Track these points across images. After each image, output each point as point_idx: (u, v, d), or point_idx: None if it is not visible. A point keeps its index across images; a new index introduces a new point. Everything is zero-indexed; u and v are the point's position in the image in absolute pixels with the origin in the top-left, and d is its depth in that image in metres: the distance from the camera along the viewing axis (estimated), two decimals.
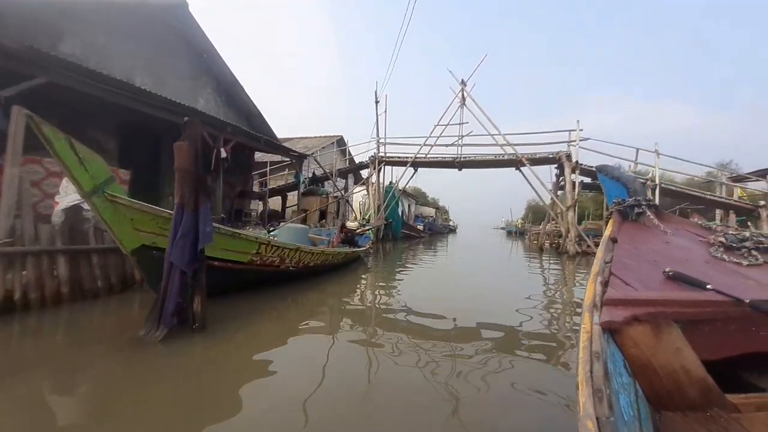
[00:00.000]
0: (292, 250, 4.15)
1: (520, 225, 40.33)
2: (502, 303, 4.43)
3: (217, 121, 7.74)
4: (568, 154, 11.14)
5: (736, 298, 1.08)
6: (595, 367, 0.83)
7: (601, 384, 0.79)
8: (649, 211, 2.06)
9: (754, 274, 1.42)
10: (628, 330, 1.04)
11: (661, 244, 1.78)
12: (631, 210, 2.08)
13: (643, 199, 2.11)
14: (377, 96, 13.32)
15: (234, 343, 2.63)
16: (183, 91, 9.54)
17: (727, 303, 1.10)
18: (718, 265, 1.54)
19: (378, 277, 6.48)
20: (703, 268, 1.49)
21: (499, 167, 13.14)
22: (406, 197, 30.55)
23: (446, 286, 5.85)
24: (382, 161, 13.60)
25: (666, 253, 1.64)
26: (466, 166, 13.26)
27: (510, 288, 5.97)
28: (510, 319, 3.57)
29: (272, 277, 4.26)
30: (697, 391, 1.00)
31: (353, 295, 4.74)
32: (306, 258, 4.55)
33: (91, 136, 7.58)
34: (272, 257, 3.95)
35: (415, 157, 13.12)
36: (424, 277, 6.79)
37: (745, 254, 1.62)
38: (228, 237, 3.37)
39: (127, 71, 8.35)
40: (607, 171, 2.51)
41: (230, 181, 11.19)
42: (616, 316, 1.04)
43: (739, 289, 1.13)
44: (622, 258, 1.49)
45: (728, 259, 1.58)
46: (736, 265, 1.53)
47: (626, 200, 2.12)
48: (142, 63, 8.81)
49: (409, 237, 18.26)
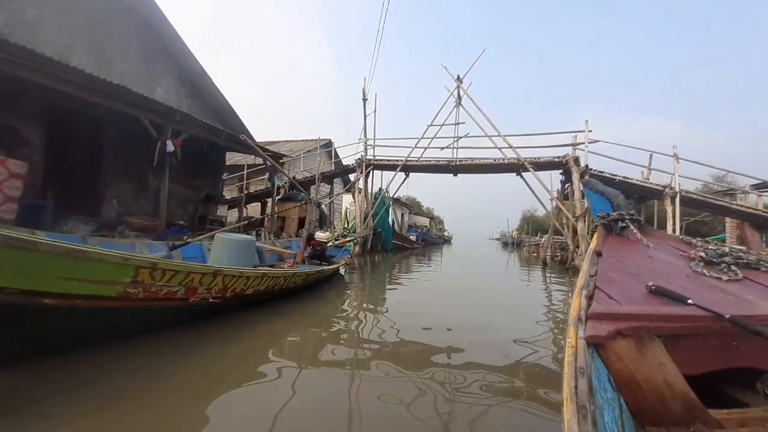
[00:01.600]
0: (204, 274, 2.75)
1: (517, 236, 39.20)
2: (504, 334, 3.60)
3: (162, 107, 6.38)
4: (576, 158, 9.95)
5: (717, 313, 1.09)
6: (580, 383, 0.84)
7: (585, 400, 0.79)
8: (632, 225, 2.09)
9: (733, 289, 1.43)
10: (612, 344, 1.04)
11: (644, 258, 1.80)
12: (615, 224, 2.12)
13: (626, 213, 2.15)
14: (365, 93, 12.11)
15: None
16: (135, 76, 8.18)
17: (707, 318, 1.11)
18: (699, 280, 1.55)
19: (358, 297, 5.13)
20: (685, 282, 1.50)
21: (499, 172, 11.90)
22: (399, 206, 29.29)
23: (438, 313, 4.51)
24: (370, 165, 12.29)
25: (649, 267, 1.66)
26: (463, 171, 12.01)
27: (512, 314, 4.79)
28: (514, 355, 2.84)
29: (174, 316, 2.85)
30: (681, 406, 1.00)
31: (322, 327, 3.42)
32: (237, 284, 3.15)
33: (4, 124, 6.18)
34: (168, 287, 2.54)
35: (406, 161, 11.84)
36: (413, 298, 5.46)
37: (724, 269, 1.62)
38: (63, 257, 1.97)
39: (62, 50, 6.99)
40: (591, 185, 2.57)
41: (193, 183, 9.79)
42: (600, 330, 1.05)
43: (719, 305, 1.16)
44: (607, 271, 1.51)
45: (708, 274, 1.59)
46: (716, 279, 1.53)
47: (610, 214, 2.17)
48: (81, 42, 7.46)
49: (401, 248, 16.89)
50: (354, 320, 3.93)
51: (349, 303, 4.91)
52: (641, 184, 9.77)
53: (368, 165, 12.28)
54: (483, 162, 11.08)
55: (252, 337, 3.02)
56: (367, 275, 8.17)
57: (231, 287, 3.10)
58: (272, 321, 3.49)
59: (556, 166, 10.58)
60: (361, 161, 12.26)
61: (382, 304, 4.92)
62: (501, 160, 10.83)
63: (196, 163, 9.54)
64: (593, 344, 1.03)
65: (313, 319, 3.77)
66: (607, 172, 10.09)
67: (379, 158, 12.41)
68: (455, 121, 11.48)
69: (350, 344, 3.04)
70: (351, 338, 3.21)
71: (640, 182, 9.82)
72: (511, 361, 2.75)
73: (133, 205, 8.37)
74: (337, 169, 13.92)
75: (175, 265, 2.55)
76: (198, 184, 9.88)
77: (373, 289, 6.42)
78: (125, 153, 7.96)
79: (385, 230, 14.53)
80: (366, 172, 12.26)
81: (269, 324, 3.38)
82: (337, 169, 13.88)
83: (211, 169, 10.37)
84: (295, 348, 2.90)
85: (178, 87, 9.53)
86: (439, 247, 25.97)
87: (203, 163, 9.86)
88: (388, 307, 4.75)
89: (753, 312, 1.17)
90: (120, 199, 8.07)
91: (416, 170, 12.54)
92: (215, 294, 2.99)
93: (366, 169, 12.24)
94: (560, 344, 3.26)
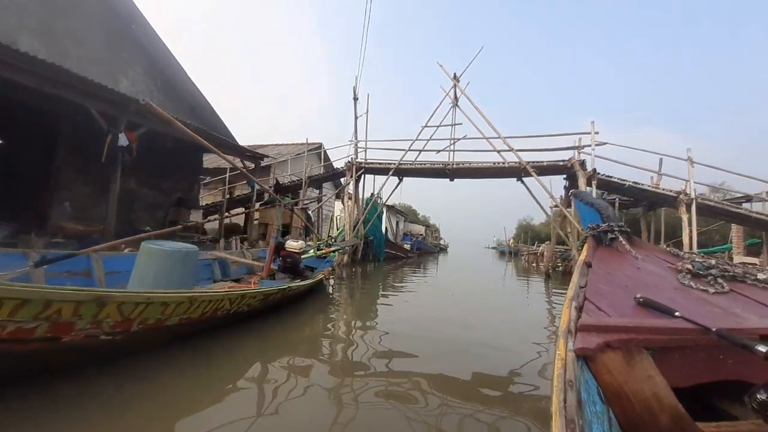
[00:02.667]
0: (81, 302, 1.86)
1: (514, 245, 38.49)
2: (505, 361, 3.15)
3: (114, 94, 5.50)
4: (582, 162, 9.19)
5: (704, 326, 1.09)
6: (569, 397, 0.83)
7: (574, 414, 0.79)
8: (621, 236, 2.09)
9: (720, 302, 1.43)
10: (601, 357, 1.04)
11: (633, 269, 1.80)
12: (604, 235, 2.13)
13: (615, 225, 2.16)
14: (355, 92, 11.35)
15: None
16: (96, 65, 7.34)
17: (694, 331, 1.11)
18: (686, 292, 1.54)
19: (341, 317, 4.27)
20: (672, 294, 1.49)
21: (499, 177, 11.13)
22: (393, 213, 28.46)
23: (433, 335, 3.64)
24: (360, 168, 11.45)
25: (637, 279, 1.66)
26: (460, 176, 11.22)
27: (514, 336, 4.08)
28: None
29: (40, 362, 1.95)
30: (669, 419, 0.99)
31: (290, 358, 2.59)
32: (148, 314, 2.24)
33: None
34: (15, 322, 1.65)
35: (399, 164, 11.03)
36: (404, 316, 4.58)
37: (711, 282, 1.62)
38: None
39: (8, 32, 6.15)
40: (582, 197, 2.67)
41: (163, 186, 8.86)
42: (589, 342, 1.04)
43: (706, 317, 1.17)
44: (596, 283, 1.51)
45: (695, 286, 1.58)
46: (703, 292, 1.53)
47: (600, 225, 2.18)
48: (32, 24, 6.62)
49: (395, 257, 15.99)
50: (334, 351, 3.03)
51: (330, 324, 4.01)
52: (653, 191, 9.02)
53: (359, 168, 11.45)
54: (482, 166, 10.30)
55: (225, 350, 2.10)
56: (355, 288, 7.27)
57: (138, 318, 2.19)
58: (239, 343, 2.58)
59: (561, 170, 9.82)
60: (351, 164, 11.43)
61: (368, 326, 4.05)
62: (501, 164, 10.05)
63: (166, 163, 8.65)
64: (582, 356, 1.03)
65: (279, 346, 2.86)
66: (615, 177, 9.35)
67: (371, 161, 11.60)
68: (452, 122, 10.73)
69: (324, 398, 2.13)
70: (326, 380, 2.31)
71: (651, 188, 9.08)
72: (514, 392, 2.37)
73: (91, 210, 7.40)
74: (325, 173, 13.03)
75: (22, 292, 1.64)
76: (169, 187, 8.95)
77: (358, 306, 5.52)
78: (83, 151, 7.03)
79: (377, 238, 13.65)
80: (356, 176, 11.42)
81: (199, 368, 2.47)
82: (326, 173, 12.99)
83: (184, 170, 9.45)
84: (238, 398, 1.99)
85: (147, 79, 8.67)
86: (435, 256, 25.09)
87: (175, 164, 8.96)
88: (374, 331, 3.85)
89: (739, 325, 1.18)
90: (76, 203, 7.12)
91: (410, 174, 11.72)
92: (110, 329, 2.08)
93: (356, 172, 11.40)
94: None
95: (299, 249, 4.68)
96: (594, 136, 9.24)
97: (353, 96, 11.34)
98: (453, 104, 11.38)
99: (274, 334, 3.39)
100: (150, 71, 8.74)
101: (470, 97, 10.54)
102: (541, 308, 6.38)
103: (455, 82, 10.78)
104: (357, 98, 11.34)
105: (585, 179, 9.00)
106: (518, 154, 9.75)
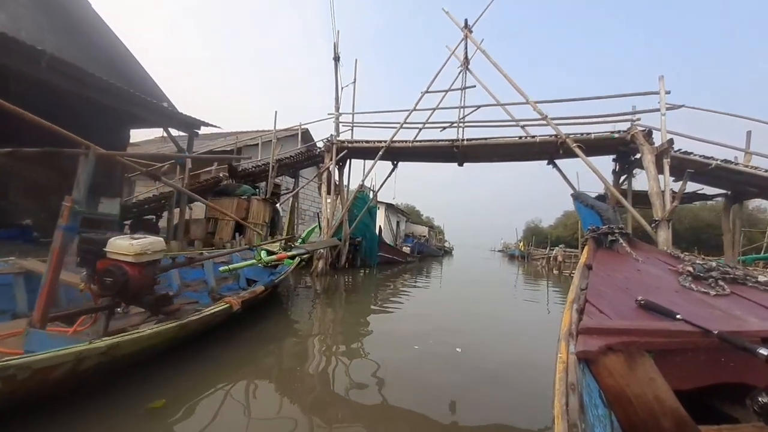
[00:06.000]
0: None
1: (524, 248, 35.69)
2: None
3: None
4: (647, 132, 6.53)
5: (705, 328, 1.09)
6: (571, 400, 0.83)
7: (576, 418, 0.79)
8: (621, 239, 2.10)
9: (721, 304, 1.43)
10: (603, 360, 1.04)
11: (634, 272, 1.80)
12: (605, 237, 2.12)
13: (616, 227, 2.16)
14: (336, 50, 8.79)
15: None
16: None
17: (696, 333, 1.11)
18: (687, 295, 1.54)
19: (282, 374, 1.72)
20: (673, 297, 1.49)
21: (524, 158, 8.47)
22: (394, 213, 25.88)
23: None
24: (343, 149, 8.88)
25: (638, 281, 1.66)
26: (472, 157, 8.61)
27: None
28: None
29: None
30: (671, 422, 0.99)
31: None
32: None
33: None
34: None
35: (390, 143, 8.43)
36: (395, 375, 2.00)
37: (712, 284, 1.62)
38: None
39: None
40: (582, 198, 2.63)
41: (60, 165, 6.38)
42: (591, 345, 1.05)
43: (707, 320, 1.16)
44: (597, 285, 1.50)
45: (696, 288, 1.58)
46: (704, 294, 1.53)
47: (600, 228, 2.17)
48: None
49: (391, 262, 13.39)
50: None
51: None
52: (754, 173, 6.33)
53: (341, 149, 8.87)
54: (503, 141, 7.63)
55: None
56: (330, 307, 4.75)
57: None
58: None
59: (614, 146, 7.17)
60: (331, 143, 8.86)
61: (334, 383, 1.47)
62: (530, 138, 7.40)
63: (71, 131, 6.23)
64: (584, 359, 1.03)
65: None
66: (695, 153, 6.69)
67: (357, 142, 9.02)
68: (461, 86, 8.13)
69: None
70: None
71: (750, 170, 6.38)
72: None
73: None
74: (297, 155, 10.30)
75: None
76: (68, 167, 6.48)
77: (323, 343, 2.97)
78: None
79: (367, 239, 11.03)
80: (338, 159, 8.84)
81: None
82: (299, 155, 10.29)
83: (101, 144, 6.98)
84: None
85: (37, 15, 6.21)
86: (439, 259, 22.43)
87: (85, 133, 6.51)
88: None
89: (740, 328, 1.18)
90: None
91: (407, 156, 9.13)
92: None
93: (337, 154, 8.82)
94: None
95: (138, 253, 2.11)
96: (664, 97, 6.58)
97: (333, 55, 8.79)
98: (463, 66, 8.78)
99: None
100: (42, 6, 6.27)
101: (487, 52, 7.92)
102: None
103: (466, 33, 8.18)
104: (338, 58, 8.78)
105: (652, 156, 6.33)
106: (554, 124, 7.09)
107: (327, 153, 8.99)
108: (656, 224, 5.99)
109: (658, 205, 6.08)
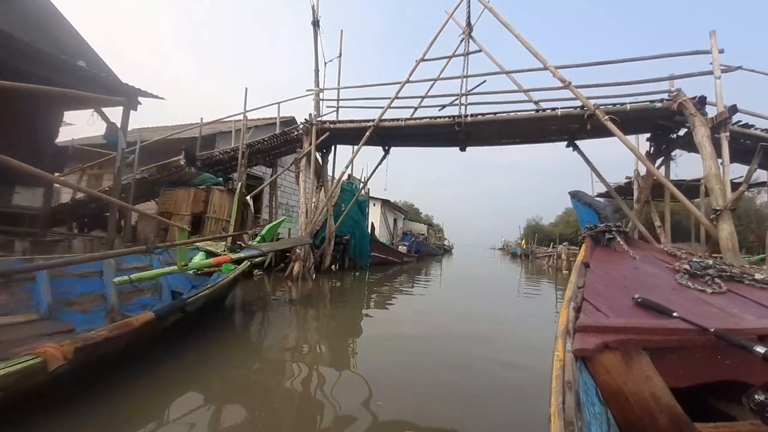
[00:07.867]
0: None
1: (525, 245, 34.42)
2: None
3: None
4: (698, 100, 5.20)
5: (701, 326, 1.09)
6: (567, 398, 0.83)
7: (572, 416, 0.78)
8: (618, 237, 2.10)
9: (717, 302, 1.43)
10: (599, 357, 1.04)
11: (631, 269, 1.80)
12: (602, 235, 2.12)
13: (613, 225, 2.16)
14: (315, 13, 7.42)
15: None
16: None
17: (692, 331, 1.11)
18: (684, 293, 1.54)
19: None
20: (670, 294, 1.49)
21: (542, 138, 7.09)
22: (391, 210, 24.54)
23: None
24: (325, 130, 7.51)
25: (635, 279, 1.66)
26: (478, 139, 7.27)
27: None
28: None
29: None
30: (667, 420, 0.98)
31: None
32: None
33: None
34: None
35: (379, 122, 7.07)
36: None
37: (708, 282, 1.61)
38: None
39: None
40: (579, 196, 2.57)
41: None
42: (587, 343, 1.04)
43: (703, 318, 1.16)
44: (594, 283, 1.50)
45: (693, 286, 1.58)
46: (701, 292, 1.53)
47: (598, 225, 2.16)
48: None
49: (385, 263, 12.08)
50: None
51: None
52: None
53: (322, 131, 7.52)
54: (515, 116, 6.26)
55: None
56: (302, 320, 3.44)
57: None
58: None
59: (651, 120, 5.83)
60: (310, 124, 7.50)
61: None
62: (550, 111, 6.05)
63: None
64: (581, 357, 1.02)
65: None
66: (757, 126, 5.37)
67: (341, 122, 7.65)
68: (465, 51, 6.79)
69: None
70: None
71: None
72: None
73: None
74: (273, 141, 8.80)
75: None
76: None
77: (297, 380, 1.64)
78: None
79: (357, 238, 9.70)
80: (318, 142, 7.48)
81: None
82: (275, 141, 8.79)
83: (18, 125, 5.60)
84: None
85: None
86: (438, 259, 21.14)
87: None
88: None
89: (737, 325, 1.17)
90: None
91: (399, 139, 7.80)
92: None
93: (318, 137, 7.46)
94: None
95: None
96: (717, 57, 5.25)
97: (312, 19, 7.42)
98: (465, 34, 7.45)
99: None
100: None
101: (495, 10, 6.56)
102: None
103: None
104: (318, 21, 7.41)
105: (707, 130, 5.00)
106: (581, 94, 5.74)
107: (306, 136, 7.63)
108: (718, 215, 4.67)
109: (718, 191, 4.75)
